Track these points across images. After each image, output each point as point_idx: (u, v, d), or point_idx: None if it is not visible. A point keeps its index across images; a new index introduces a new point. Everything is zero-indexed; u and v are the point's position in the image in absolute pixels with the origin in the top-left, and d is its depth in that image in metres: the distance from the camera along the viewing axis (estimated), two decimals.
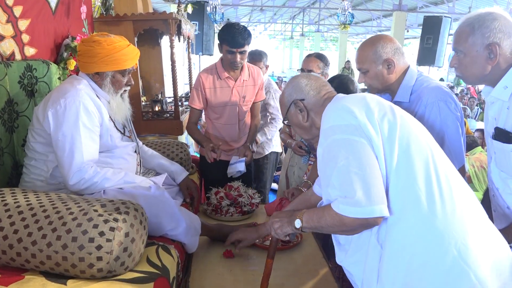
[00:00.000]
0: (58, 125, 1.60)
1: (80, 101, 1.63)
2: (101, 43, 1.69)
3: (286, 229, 1.36)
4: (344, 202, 1.08)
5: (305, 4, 14.78)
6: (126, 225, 1.32)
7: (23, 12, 2.00)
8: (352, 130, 1.11)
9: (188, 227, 1.69)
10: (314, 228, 1.27)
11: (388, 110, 1.18)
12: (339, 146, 1.12)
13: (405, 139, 1.12)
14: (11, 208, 1.35)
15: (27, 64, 1.89)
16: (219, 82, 2.51)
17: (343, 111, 1.15)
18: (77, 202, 1.39)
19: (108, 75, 1.74)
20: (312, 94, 1.38)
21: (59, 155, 1.62)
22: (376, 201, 1.05)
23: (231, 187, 2.36)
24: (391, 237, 1.11)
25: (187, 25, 3.72)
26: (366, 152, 1.08)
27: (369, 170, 1.07)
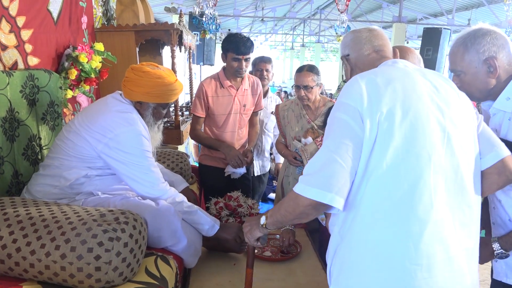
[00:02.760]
0: (123, 156, 1.65)
1: (139, 130, 1.67)
2: (151, 75, 1.71)
3: (255, 232, 1.34)
4: (306, 181, 1.07)
5: (306, 16, 14.90)
6: (125, 235, 1.32)
7: (26, 22, 2.03)
8: (355, 114, 1.07)
9: (189, 245, 1.69)
10: (276, 221, 1.23)
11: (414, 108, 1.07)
12: (336, 125, 1.10)
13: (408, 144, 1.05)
14: (10, 218, 1.35)
15: (29, 73, 1.90)
16: (221, 91, 2.55)
17: (357, 91, 1.09)
18: (77, 212, 1.39)
19: (150, 106, 1.76)
20: (356, 48, 1.32)
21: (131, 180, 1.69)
22: (335, 189, 1.03)
23: (230, 197, 2.36)
24: (350, 233, 1.10)
25: (188, 35, 3.75)
26: (353, 143, 1.05)
27: (346, 161, 1.04)
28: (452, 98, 1.16)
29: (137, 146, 1.65)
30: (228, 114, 2.58)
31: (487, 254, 1.48)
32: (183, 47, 3.70)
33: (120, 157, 1.64)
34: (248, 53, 2.43)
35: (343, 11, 7.15)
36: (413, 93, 1.10)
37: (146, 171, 1.68)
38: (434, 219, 1.05)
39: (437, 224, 1.06)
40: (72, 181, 1.68)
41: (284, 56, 30.32)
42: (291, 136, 2.59)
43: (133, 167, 1.65)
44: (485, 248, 1.47)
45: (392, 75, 1.13)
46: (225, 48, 2.45)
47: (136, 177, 1.67)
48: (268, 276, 1.83)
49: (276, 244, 2.11)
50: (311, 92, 2.45)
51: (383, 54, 1.30)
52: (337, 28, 7.25)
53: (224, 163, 2.60)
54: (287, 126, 2.63)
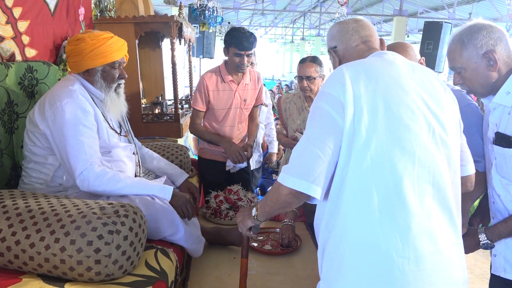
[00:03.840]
0: (58, 127, 1.59)
1: (75, 101, 1.61)
2: (85, 39, 1.68)
3: (247, 222, 1.35)
4: (286, 170, 1.09)
5: (306, 9, 14.82)
6: (125, 228, 1.31)
7: (22, 13, 2.00)
8: (336, 105, 1.07)
9: (188, 233, 1.68)
10: (265, 212, 1.24)
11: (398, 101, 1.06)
12: (317, 115, 1.10)
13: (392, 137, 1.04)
14: (9, 210, 1.34)
15: (28, 65, 1.89)
16: (222, 85, 2.54)
17: (339, 82, 1.09)
18: (76, 204, 1.38)
19: (98, 70, 1.71)
20: (343, 40, 1.29)
21: (63, 157, 1.60)
22: (311, 178, 1.04)
23: (230, 191, 2.36)
24: (337, 227, 1.09)
25: (188, 28, 3.73)
26: (334, 133, 1.05)
27: (323, 150, 1.05)
28: (439, 94, 1.15)
29: (72, 116, 1.58)
30: (228, 109, 2.57)
31: (473, 245, 1.50)
32: (182, 40, 3.68)
33: (55, 132, 1.59)
34: (250, 48, 2.41)
35: (344, 4, 7.11)
36: (398, 87, 1.09)
37: (77, 145, 1.58)
38: (420, 212, 1.04)
39: (423, 217, 1.05)
40: (51, 175, 1.67)
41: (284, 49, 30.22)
42: (292, 128, 2.59)
43: (64, 141, 1.58)
44: (471, 238, 1.49)
45: (378, 67, 1.13)
46: (227, 42, 2.43)
47: (66, 152, 1.58)
48: (268, 270, 1.82)
49: (276, 237, 2.11)
50: (313, 83, 2.45)
51: (371, 45, 1.28)
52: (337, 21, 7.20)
53: (223, 157, 2.59)
54: (288, 118, 2.63)
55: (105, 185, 1.59)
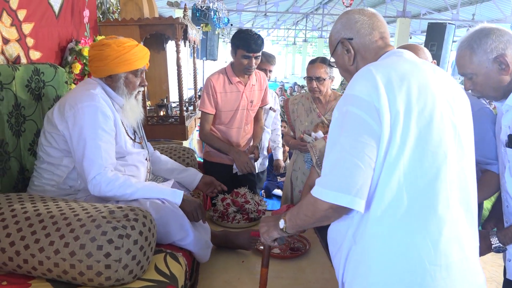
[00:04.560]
0: (77, 129, 1.59)
1: (97, 105, 1.62)
2: (110, 45, 1.69)
3: (272, 233, 1.29)
4: (322, 183, 1.02)
5: (309, 10, 14.81)
6: (135, 233, 1.29)
7: (26, 15, 2.00)
8: (371, 110, 1.00)
9: (197, 238, 1.67)
10: (296, 225, 1.19)
11: (429, 104, 1.03)
12: (350, 121, 1.02)
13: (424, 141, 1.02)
14: (18, 214, 1.32)
15: (35, 67, 1.87)
16: (229, 87, 2.52)
17: (372, 86, 1.02)
18: (85, 208, 1.36)
19: (121, 77, 1.73)
20: (363, 33, 1.20)
21: (78, 159, 1.60)
22: (353, 191, 0.98)
23: (237, 193, 2.34)
24: (366, 235, 1.06)
25: (193, 30, 3.72)
26: (371, 140, 1.00)
27: (363, 160, 0.99)
28: (459, 96, 1.13)
29: (92, 120, 1.59)
30: (235, 110, 2.56)
31: (484, 248, 1.48)
32: (187, 42, 3.67)
33: (74, 133, 1.59)
34: (258, 50, 2.40)
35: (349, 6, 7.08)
36: (427, 89, 1.06)
37: (94, 148, 1.57)
38: (451, 218, 1.03)
39: (453, 222, 1.03)
40: (64, 177, 1.67)
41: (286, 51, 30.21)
42: (300, 130, 2.57)
43: (82, 143, 1.58)
44: (482, 241, 1.48)
45: (407, 69, 1.08)
46: (235, 44, 2.42)
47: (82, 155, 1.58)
48: (277, 274, 1.80)
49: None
50: (323, 84, 2.43)
51: (387, 41, 1.23)
52: None
53: (230, 159, 2.58)
54: (296, 120, 2.61)
55: (116, 190, 1.58)
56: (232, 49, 2.46)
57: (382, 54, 1.19)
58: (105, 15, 3.35)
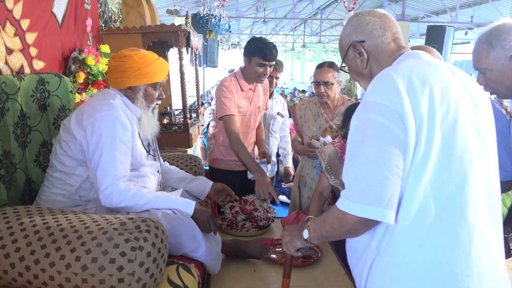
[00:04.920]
0: (95, 139, 1.57)
1: (116, 115, 1.61)
2: (132, 57, 1.69)
3: (296, 243, 1.26)
4: (349, 196, 0.98)
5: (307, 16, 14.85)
6: (148, 244, 1.25)
7: (30, 25, 1.97)
8: (394, 117, 0.96)
9: (209, 249, 1.64)
10: (321, 236, 1.15)
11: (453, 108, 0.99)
12: (372, 129, 0.98)
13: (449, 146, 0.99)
14: (27, 228, 1.29)
15: (40, 77, 1.85)
16: (241, 93, 2.53)
17: (394, 91, 0.98)
18: (95, 220, 1.33)
19: (140, 89, 1.72)
20: (375, 35, 1.15)
21: (92, 168, 1.58)
22: (383, 203, 0.94)
23: (246, 201, 2.30)
24: (392, 246, 1.02)
25: (195, 37, 3.70)
26: (396, 149, 0.95)
27: (391, 170, 0.95)
28: (480, 98, 1.09)
29: (110, 129, 1.57)
30: (245, 116, 2.57)
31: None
32: (190, 49, 3.65)
33: (91, 142, 1.57)
34: (274, 59, 2.42)
35: (351, 10, 7.08)
36: (449, 92, 1.02)
37: (110, 159, 1.55)
38: (480, 224, 0.99)
39: (482, 229, 1.00)
40: (77, 187, 1.64)
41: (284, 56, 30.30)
42: (308, 135, 2.54)
43: (98, 152, 1.55)
44: None
45: (426, 71, 1.04)
46: (250, 52, 2.41)
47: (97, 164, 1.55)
48: (291, 283, 1.75)
49: None
50: (331, 89, 2.41)
51: (400, 43, 1.18)
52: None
53: (237, 165, 2.57)
54: (304, 125, 2.58)
55: (128, 201, 1.55)
56: (246, 56, 2.45)
57: (397, 56, 1.15)
58: (107, 23, 3.33)
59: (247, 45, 2.46)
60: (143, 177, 1.73)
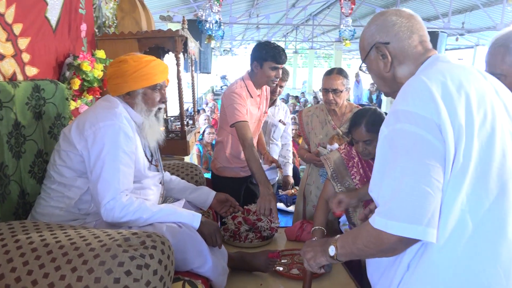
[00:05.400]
0: (96, 149, 1.49)
1: (120, 125, 1.53)
2: (127, 60, 1.63)
3: (320, 260, 1.19)
4: (386, 214, 0.91)
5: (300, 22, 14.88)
6: (154, 262, 1.17)
7: (23, 30, 1.89)
8: (431, 127, 0.89)
9: (216, 265, 1.56)
10: (350, 254, 1.08)
11: (489, 115, 0.94)
12: (408, 141, 0.91)
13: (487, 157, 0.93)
14: (23, 245, 1.20)
15: (35, 84, 1.76)
16: (250, 100, 2.48)
17: (429, 99, 0.91)
18: (97, 236, 1.24)
19: (139, 93, 1.64)
20: (401, 37, 1.09)
21: (93, 180, 1.49)
22: (424, 221, 0.88)
23: (249, 211, 2.23)
24: (425, 264, 0.96)
25: (192, 42, 3.63)
26: (436, 161, 0.89)
27: (431, 184, 0.88)
28: (510, 102, 1.03)
29: (113, 140, 1.49)
30: (253, 122, 2.53)
31: None
32: (186, 55, 3.58)
33: (93, 153, 1.48)
34: (285, 62, 2.40)
35: (349, 15, 7.07)
36: (485, 98, 0.96)
37: (113, 171, 1.47)
38: None
39: None
40: (76, 199, 1.55)
41: None
42: (315, 142, 2.48)
43: (100, 164, 1.47)
44: None
45: (460, 77, 0.98)
46: (261, 57, 2.36)
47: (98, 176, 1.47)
48: None
49: (301, 260, 1.98)
50: (339, 96, 2.35)
51: (427, 46, 1.12)
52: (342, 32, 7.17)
53: (242, 170, 2.54)
54: (310, 132, 2.53)
55: (131, 215, 1.46)
56: (256, 62, 2.39)
57: (424, 60, 1.09)
58: (101, 29, 3.25)
59: (256, 50, 2.41)
60: (145, 189, 1.65)
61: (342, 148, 2.12)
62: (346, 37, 7.17)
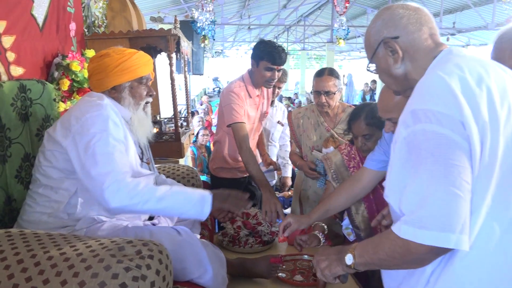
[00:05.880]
0: (85, 139, 1.39)
1: (108, 114, 1.45)
2: (110, 53, 1.57)
3: (336, 269, 1.10)
4: (414, 222, 0.84)
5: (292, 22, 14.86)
6: (151, 273, 1.08)
7: (7, 28, 1.79)
8: (455, 125, 0.84)
9: (216, 274, 1.47)
10: (370, 264, 1.01)
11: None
12: (431, 142, 0.85)
13: None
14: (8, 257, 1.10)
15: (20, 84, 1.66)
16: (249, 100, 2.40)
17: (450, 95, 0.86)
18: (89, 245, 1.15)
19: (125, 86, 1.57)
20: (411, 30, 1.02)
21: (86, 170, 1.36)
22: (458, 228, 0.80)
23: (248, 214, 2.14)
24: (449, 274, 0.90)
25: (184, 42, 3.55)
26: (464, 162, 0.83)
27: (462, 187, 0.82)
28: None
29: (102, 128, 1.41)
30: (253, 123, 2.46)
31: None
32: (179, 54, 3.49)
33: (81, 144, 1.38)
34: (282, 64, 2.28)
35: (343, 14, 7.03)
36: (506, 92, 0.90)
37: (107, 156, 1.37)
38: None
39: None
40: (64, 203, 1.45)
41: None
42: (308, 146, 2.39)
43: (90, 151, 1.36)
44: None
45: (479, 70, 0.91)
46: (258, 55, 2.28)
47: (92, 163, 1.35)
48: None
49: (304, 265, 1.89)
50: (332, 98, 2.25)
51: (437, 40, 1.05)
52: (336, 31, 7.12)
53: (240, 172, 2.47)
54: (302, 135, 2.43)
55: (141, 196, 1.34)
56: (253, 60, 2.31)
57: (436, 54, 1.02)
58: (91, 29, 3.15)
59: (255, 48, 2.33)
60: None
61: (343, 148, 2.04)
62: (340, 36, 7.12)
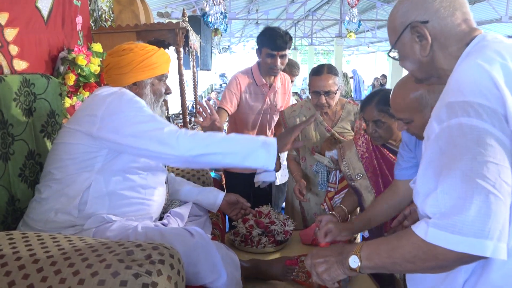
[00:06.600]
0: (118, 116, 1.37)
1: (132, 94, 1.47)
2: (133, 49, 1.54)
3: (336, 273, 0.99)
4: (445, 226, 0.74)
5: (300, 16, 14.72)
6: (162, 279, 1.01)
7: (9, 19, 1.72)
8: (497, 119, 0.76)
9: (230, 279, 1.40)
10: (381, 267, 0.91)
11: None
12: (469, 138, 0.76)
13: None
14: (9, 262, 1.03)
15: (24, 78, 1.59)
16: (254, 88, 2.33)
17: (490, 86, 0.78)
18: (95, 249, 1.07)
19: (147, 83, 1.57)
20: (443, 14, 0.92)
21: (138, 139, 1.34)
22: (496, 234, 0.71)
23: (260, 213, 2.06)
24: (484, 283, 0.82)
25: (193, 36, 3.47)
26: (504, 160, 0.74)
27: (501, 188, 0.73)
28: None
29: (134, 104, 1.41)
30: (257, 114, 2.37)
31: None
32: (187, 49, 3.42)
33: (121, 124, 1.36)
34: (284, 48, 2.17)
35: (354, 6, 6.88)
36: None
37: (153, 118, 1.38)
38: None
39: None
40: (75, 198, 1.38)
41: None
42: (306, 147, 2.24)
43: (134, 121, 1.36)
44: None
45: None
46: (260, 43, 2.23)
47: (148, 133, 1.34)
48: None
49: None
50: (333, 98, 2.08)
51: (472, 24, 0.95)
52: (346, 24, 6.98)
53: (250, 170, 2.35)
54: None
55: (206, 138, 1.35)
56: (257, 48, 2.26)
57: (469, 40, 0.92)
58: (97, 23, 3.08)
59: (258, 36, 2.28)
60: (149, 188, 1.51)
61: (358, 138, 1.94)
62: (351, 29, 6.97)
